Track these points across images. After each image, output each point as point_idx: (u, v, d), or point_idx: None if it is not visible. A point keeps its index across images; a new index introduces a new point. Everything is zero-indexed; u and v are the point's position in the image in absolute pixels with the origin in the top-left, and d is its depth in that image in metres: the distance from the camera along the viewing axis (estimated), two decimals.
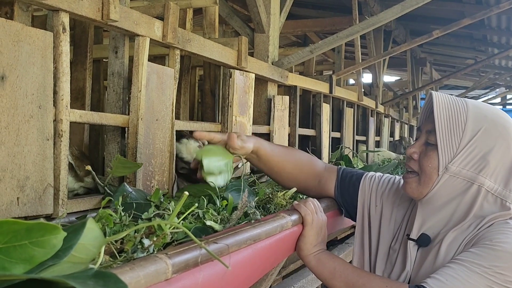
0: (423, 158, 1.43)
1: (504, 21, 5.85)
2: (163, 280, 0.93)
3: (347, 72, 4.76)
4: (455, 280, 1.21)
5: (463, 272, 1.22)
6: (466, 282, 1.21)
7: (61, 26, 1.57)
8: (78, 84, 2.40)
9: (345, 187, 1.74)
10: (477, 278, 1.21)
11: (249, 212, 1.40)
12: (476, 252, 1.26)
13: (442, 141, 1.38)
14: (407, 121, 7.90)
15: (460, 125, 1.37)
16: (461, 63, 8.92)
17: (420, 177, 1.43)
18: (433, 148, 1.41)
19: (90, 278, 0.64)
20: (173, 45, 2.10)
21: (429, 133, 1.44)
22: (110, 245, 1.07)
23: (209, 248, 1.04)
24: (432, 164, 1.40)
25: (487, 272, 1.21)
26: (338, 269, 1.42)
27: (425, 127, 1.48)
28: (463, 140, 1.36)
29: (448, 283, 1.22)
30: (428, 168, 1.41)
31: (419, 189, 1.44)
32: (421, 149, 1.45)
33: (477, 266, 1.22)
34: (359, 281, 1.36)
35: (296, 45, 7.44)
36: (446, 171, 1.38)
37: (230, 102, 2.57)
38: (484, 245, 1.27)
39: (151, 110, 1.99)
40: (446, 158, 1.38)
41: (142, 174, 1.94)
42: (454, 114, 1.38)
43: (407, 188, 1.48)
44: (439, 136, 1.38)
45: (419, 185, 1.44)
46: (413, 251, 1.46)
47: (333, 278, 1.41)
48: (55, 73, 1.55)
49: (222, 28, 3.90)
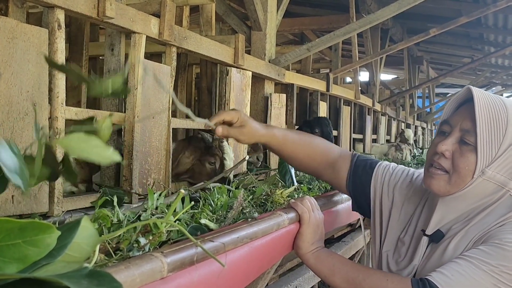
0: (459, 158, 1.33)
1: (501, 19, 5.86)
2: (158, 279, 0.92)
3: (344, 70, 4.76)
4: (460, 276, 1.19)
5: (469, 269, 1.19)
6: (471, 279, 1.18)
7: (56, 23, 1.56)
8: (74, 82, 2.39)
9: (358, 174, 1.64)
10: (483, 275, 1.18)
11: (245, 211, 1.39)
12: (485, 250, 1.22)
13: (483, 144, 1.30)
14: (404, 119, 7.91)
15: (501, 129, 1.30)
16: (457, 61, 8.93)
17: (452, 176, 1.34)
18: (470, 149, 1.32)
19: (84, 278, 0.63)
20: (170, 42, 2.09)
21: (467, 132, 1.33)
22: (106, 244, 1.06)
23: (205, 246, 1.03)
24: (469, 166, 1.31)
25: (493, 271, 1.18)
26: (337, 266, 1.39)
27: (458, 123, 1.37)
28: (503, 145, 1.30)
29: (453, 278, 1.19)
30: (464, 170, 1.32)
31: (447, 188, 1.35)
32: (454, 147, 1.35)
33: (485, 264, 1.19)
34: (359, 276, 1.33)
35: (293, 43, 7.43)
36: (482, 175, 1.31)
37: (227, 100, 2.57)
38: (493, 244, 1.23)
39: (148, 108, 1.98)
40: (484, 161, 1.30)
41: (139, 172, 1.93)
42: (494, 116, 1.30)
43: (433, 184, 1.37)
44: (480, 138, 1.29)
45: (448, 185, 1.35)
46: (424, 246, 1.42)
47: (333, 275, 1.39)
48: (50, 70, 1.54)
49: (219, 26, 3.89)
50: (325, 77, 4.30)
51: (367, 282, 1.32)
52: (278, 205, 1.75)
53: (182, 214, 1.35)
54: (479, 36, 6.90)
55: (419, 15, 6.24)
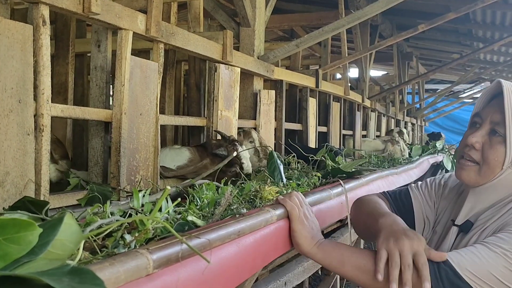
0: (488, 149, 1.38)
1: (489, 15, 5.89)
2: (144, 276, 0.91)
3: (334, 66, 4.76)
4: (473, 255, 1.23)
5: (483, 251, 1.23)
6: (483, 259, 1.22)
7: (41, 19, 1.54)
8: (61, 79, 2.37)
9: (399, 204, 1.68)
10: (495, 257, 1.22)
11: (232, 207, 1.39)
12: (499, 236, 1.26)
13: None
14: (393, 115, 7.93)
15: None
16: (447, 57, 8.97)
17: (481, 168, 1.39)
18: (499, 140, 1.36)
19: (65, 275, 0.62)
20: (157, 38, 2.08)
21: (496, 124, 1.38)
22: (91, 241, 1.05)
23: (191, 243, 1.03)
24: (498, 157, 1.36)
25: (506, 254, 1.22)
26: (346, 256, 1.36)
27: (489, 116, 1.40)
28: None
29: (466, 257, 1.23)
30: (494, 161, 1.37)
31: (477, 179, 1.41)
32: (484, 139, 1.39)
33: (497, 247, 1.23)
34: (369, 261, 1.32)
35: (283, 40, 7.43)
36: (511, 166, 1.36)
37: (215, 96, 2.56)
38: (508, 230, 1.27)
39: (135, 105, 1.97)
40: None
41: (126, 169, 1.92)
42: None
43: (463, 175, 1.43)
44: (509, 129, 1.33)
45: (478, 176, 1.40)
46: (453, 235, 1.46)
47: (343, 265, 1.36)
48: (35, 66, 1.52)
49: (208, 22, 3.88)
50: (315, 73, 4.30)
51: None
52: (266, 201, 1.75)
53: (170, 211, 1.34)
54: (467, 32, 6.94)
55: (408, 11, 6.26)
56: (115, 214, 1.31)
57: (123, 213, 1.39)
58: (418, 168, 4.67)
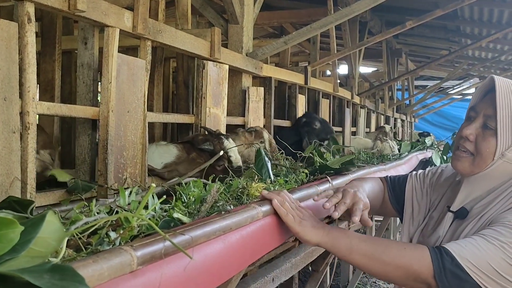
0: (481, 141, 1.49)
1: (477, 12, 5.93)
2: (128, 272, 0.92)
3: (322, 63, 4.77)
4: (473, 247, 1.31)
5: (482, 242, 1.32)
6: (482, 251, 1.30)
7: (26, 16, 1.53)
8: (47, 76, 2.36)
9: (395, 187, 1.84)
10: (494, 249, 1.30)
11: (218, 204, 1.39)
12: (497, 229, 1.35)
13: (503, 128, 1.44)
14: (383, 111, 7.97)
15: None
16: (435, 53, 9.02)
17: (475, 158, 1.51)
18: (492, 133, 1.47)
19: (46, 272, 0.63)
20: (144, 36, 2.07)
21: (489, 118, 1.48)
22: (76, 238, 1.06)
23: (176, 240, 1.03)
24: (490, 148, 1.47)
25: (503, 247, 1.30)
26: (354, 243, 1.41)
27: (482, 110, 1.51)
28: None
29: (466, 248, 1.31)
30: (486, 152, 1.48)
31: (471, 169, 1.52)
32: (478, 132, 1.50)
33: (495, 240, 1.31)
34: (377, 249, 1.38)
35: (273, 37, 7.42)
36: (502, 157, 1.47)
37: (204, 93, 2.56)
38: (504, 224, 1.36)
39: (122, 102, 1.97)
40: (504, 144, 1.45)
41: (114, 167, 1.92)
42: None
43: (458, 165, 1.55)
44: (500, 123, 1.44)
45: (472, 165, 1.52)
46: (449, 221, 1.57)
47: (351, 253, 1.41)
48: (21, 64, 1.52)
49: (196, 19, 3.88)
50: (304, 70, 4.31)
51: (386, 253, 1.37)
52: (254, 198, 1.76)
53: (156, 209, 1.35)
54: (456, 29, 6.98)
55: (397, 8, 6.29)
56: (101, 212, 1.31)
57: (109, 210, 1.39)
58: (407, 164, 4.70)
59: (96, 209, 1.30)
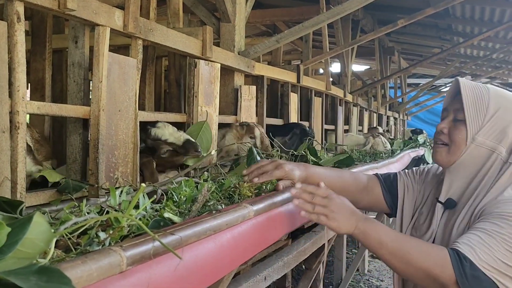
0: (453, 131, 1.66)
1: (468, 10, 5.95)
2: (117, 273, 0.91)
3: (315, 61, 4.78)
4: (482, 246, 1.41)
5: (487, 239, 1.42)
6: (489, 246, 1.40)
7: (16, 16, 1.52)
8: (38, 75, 2.35)
9: (388, 184, 1.93)
10: (498, 243, 1.41)
11: (209, 203, 1.39)
12: (495, 222, 1.46)
13: (470, 115, 1.62)
14: (375, 109, 7.98)
15: (484, 103, 1.62)
16: (428, 52, 9.05)
17: (450, 147, 1.67)
18: (461, 123, 1.64)
19: (33, 274, 0.62)
20: (135, 34, 2.07)
21: (457, 111, 1.66)
22: (66, 239, 1.05)
23: (166, 240, 1.03)
24: (461, 135, 1.63)
25: (505, 239, 1.41)
26: (384, 240, 1.49)
27: (452, 107, 1.70)
28: (487, 115, 1.61)
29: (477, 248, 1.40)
30: (458, 138, 1.64)
31: (448, 157, 1.67)
32: (450, 125, 1.68)
33: (497, 233, 1.42)
34: (403, 249, 1.47)
35: (266, 35, 7.42)
36: (473, 141, 1.62)
37: (195, 92, 2.55)
38: (501, 217, 1.47)
39: (113, 101, 1.96)
40: (473, 129, 1.61)
41: (105, 166, 1.92)
42: (478, 94, 1.63)
43: (437, 157, 1.71)
44: (467, 111, 1.61)
45: (448, 154, 1.67)
46: (440, 212, 1.69)
47: (380, 248, 1.50)
48: (10, 63, 1.51)
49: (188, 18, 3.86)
50: (296, 69, 4.31)
51: (411, 254, 1.45)
52: (245, 197, 1.76)
53: (147, 208, 1.34)
54: (447, 27, 7.01)
55: (389, 6, 6.31)
56: (91, 212, 1.31)
57: (100, 210, 1.38)
58: (399, 162, 4.72)
59: (86, 209, 1.29)
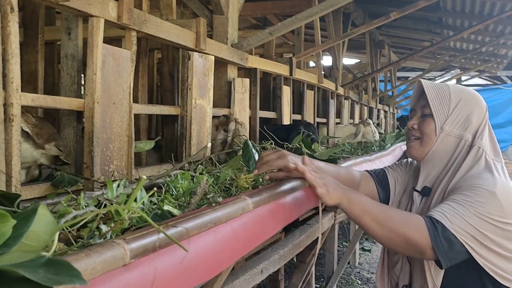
0: (423, 125, 1.81)
1: (459, 3, 5.96)
2: (121, 266, 0.90)
3: (307, 54, 4.76)
4: (453, 212, 1.54)
5: (457, 206, 1.56)
6: (459, 212, 1.54)
7: (9, 6, 1.50)
8: (30, 67, 2.31)
9: (380, 180, 2.04)
10: (466, 209, 1.54)
11: (208, 196, 1.38)
12: (463, 192, 1.60)
13: (435, 108, 1.78)
14: (366, 102, 8.00)
15: (446, 97, 1.78)
16: (418, 45, 9.06)
17: (422, 139, 1.81)
18: (429, 116, 1.79)
19: (41, 266, 0.61)
20: (129, 26, 2.04)
21: (424, 107, 1.82)
22: (66, 232, 1.04)
23: (168, 232, 1.02)
24: (430, 127, 1.78)
25: (472, 206, 1.54)
26: (367, 207, 1.59)
27: (418, 105, 1.86)
28: (450, 107, 1.77)
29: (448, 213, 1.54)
30: (428, 130, 1.79)
31: (421, 149, 1.81)
32: (419, 120, 1.84)
33: (465, 201, 1.56)
34: (385, 215, 1.57)
35: (257, 28, 7.39)
36: (442, 131, 1.76)
37: (189, 85, 2.54)
38: (468, 188, 1.61)
39: (108, 93, 1.94)
40: (440, 120, 1.77)
41: (100, 159, 1.90)
42: (440, 90, 1.80)
43: (411, 151, 1.85)
44: (432, 105, 1.77)
45: (421, 146, 1.81)
46: (418, 200, 1.83)
47: (364, 215, 1.58)
48: (4, 55, 1.48)
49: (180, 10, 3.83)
50: (288, 62, 4.30)
51: (392, 221, 1.56)
52: (242, 189, 1.75)
53: (145, 201, 1.33)
54: (438, 20, 7.02)
55: None
56: (89, 205, 1.29)
57: (97, 203, 1.37)
58: (391, 154, 4.74)
59: (84, 202, 1.28)
